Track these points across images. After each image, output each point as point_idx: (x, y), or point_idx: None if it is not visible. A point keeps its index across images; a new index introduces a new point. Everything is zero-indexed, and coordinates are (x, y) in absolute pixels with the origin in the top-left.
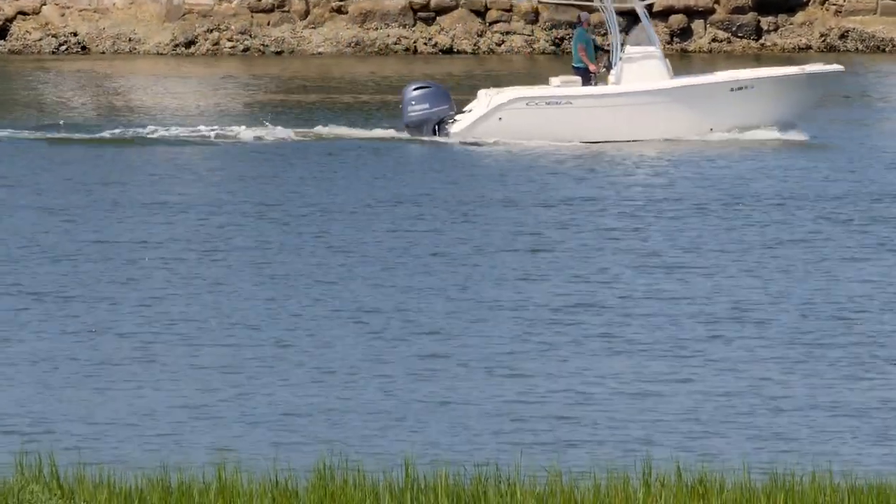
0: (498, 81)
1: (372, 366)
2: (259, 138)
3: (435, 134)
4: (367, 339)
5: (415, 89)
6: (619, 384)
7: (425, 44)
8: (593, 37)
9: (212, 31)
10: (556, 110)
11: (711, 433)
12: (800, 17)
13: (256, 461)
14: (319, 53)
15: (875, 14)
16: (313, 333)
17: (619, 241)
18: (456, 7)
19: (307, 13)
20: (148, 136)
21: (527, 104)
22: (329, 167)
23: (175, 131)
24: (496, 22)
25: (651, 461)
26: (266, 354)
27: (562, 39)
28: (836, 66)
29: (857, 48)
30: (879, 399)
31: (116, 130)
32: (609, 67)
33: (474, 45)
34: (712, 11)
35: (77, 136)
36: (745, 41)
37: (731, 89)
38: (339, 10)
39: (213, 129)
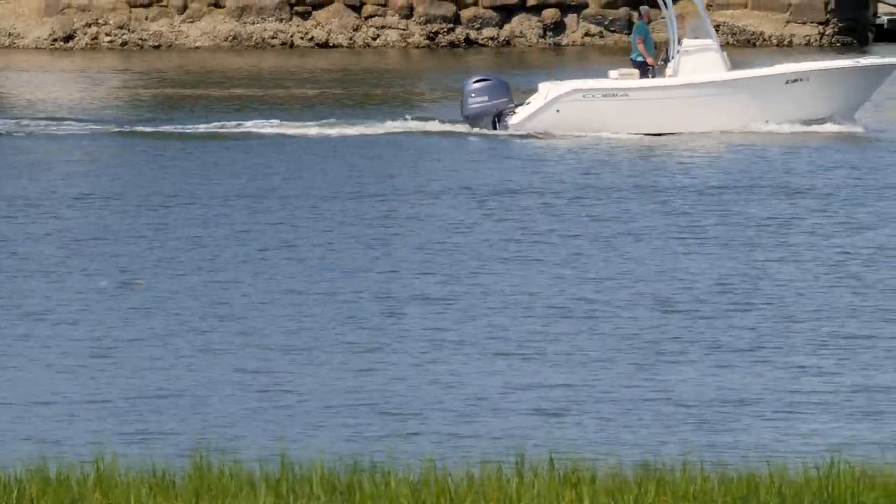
0: (379, 75)
1: (247, 357)
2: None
3: (494, 126)
4: (243, 329)
5: (475, 82)
6: (492, 375)
7: (302, 38)
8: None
9: (90, 25)
10: (612, 102)
11: (583, 423)
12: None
13: (134, 452)
14: (197, 47)
15: (746, 8)
16: (188, 322)
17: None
18: (332, 2)
19: (185, 8)
20: (16, 131)
21: (584, 96)
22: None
23: (44, 125)
24: (372, 17)
25: (524, 451)
26: (145, 343)
27: (436, 34)
28: (891, 60)
29: (728, 42)
30: (747, 390)
31: None
32: (667, 60)
33: (350, 39)
34: (585, 6)
35: None
36: (617, 35)
37: (787, 81)
38: (217, 5)
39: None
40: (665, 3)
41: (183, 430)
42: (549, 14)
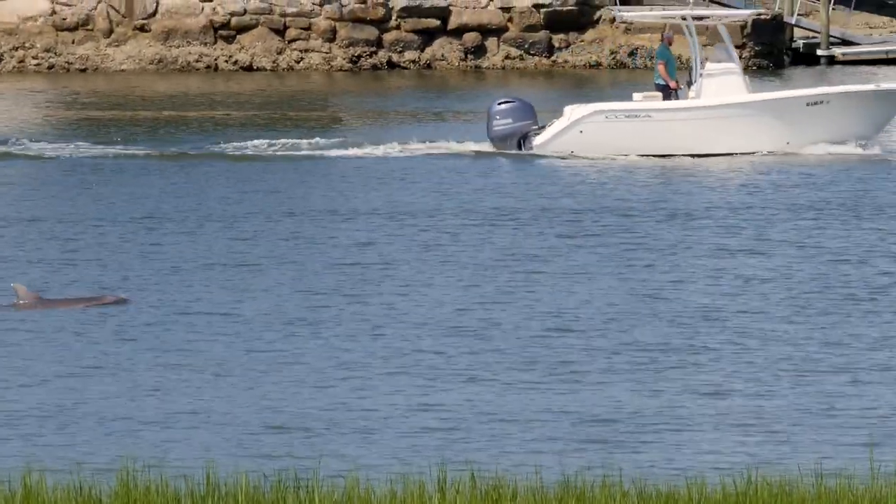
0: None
1: (174, 372)
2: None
3: (520, 147)
4: (168, 347)
5: (500, 104)
6: (416, 394)
7: (226, 61)
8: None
9: (17, 48)
10: (635, 124)
11: (505, 440)
12: (590, 34)
13: (61, 467)
14: (123, 70)
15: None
16: (113, 341)
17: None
18: (256, 26)
19: (111, 32)
20: None
21: (606, 117)
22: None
23: None
24: (295, 40)
25: (446, 467)
26: (71, 362)
27: (359, 57)
28: None
29: (645, 65)
30: (667, 407)
31: None
32: (690, 83)
33: (273, 62)
34: (505, 29)
35: None
36: (537, 58)
37: (808, 104)
38: (143, 29)
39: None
40: (689, 30)
41: (109, 447)
42: (470, 38)
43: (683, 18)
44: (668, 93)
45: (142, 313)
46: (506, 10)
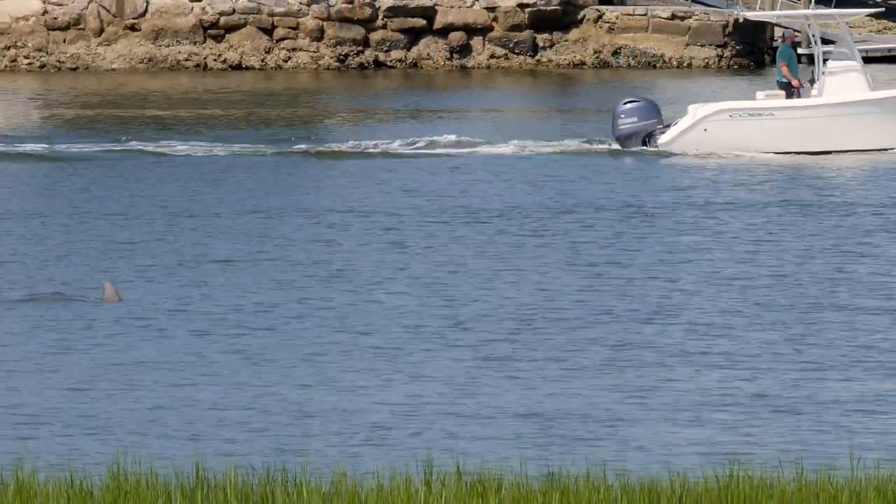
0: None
1: (161, 369)
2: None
3: (645, 145)
4: (158, 342)
5: (625, 104)
6: (404, 387)
7: (215, 60)
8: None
9: (9, 48)
10: (758, 122)
11: (490, 435)
12: (574, 34)
13: (52, 462)
14: (113, 69)
15: (646, 31)
16: (105, 336)
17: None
18: (244, 25)
19: (101, 31)
20: None
21: (730, 115)
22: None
23: None
24: (283, 39)
25: (432, 462)
26: (63, 356)
27: (346, 56)
28: None
29: (629, 64)
30: (646, 404)
31: None
32: (812, 82)
33: (262, 61)
34: (490, 29)
35: None
36: (522, 57)
37: None
38: (133, 28)
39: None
40: (812, 29)
41: (100, 441)
42: (456, 37)
43: (806, 18)
44: (790, 91)
45: (135, 309)
46: (491, 9)
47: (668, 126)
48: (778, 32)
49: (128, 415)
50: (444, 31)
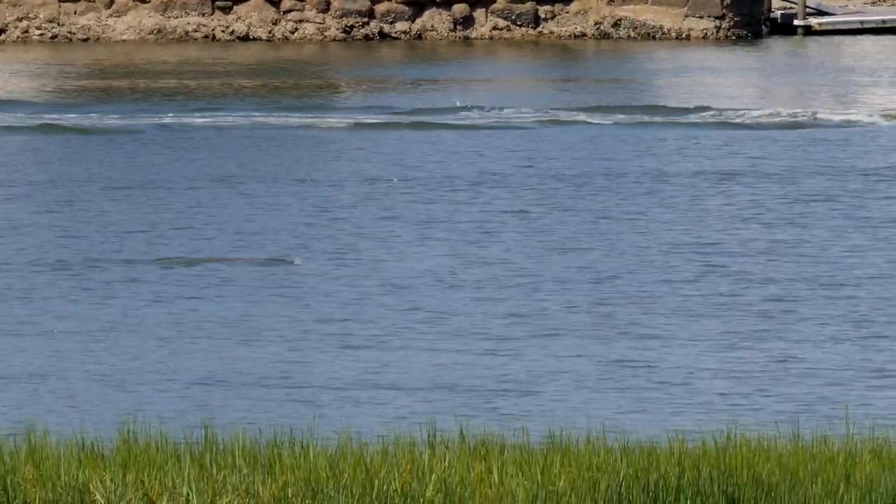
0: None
1: (176, 333)
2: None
3: None
4: (173, 306)
5: None
6: (407, 353)
7: (223, 31)
8: None
9: (21, 19)
10: None
11: (492, 400)
12: (575, 6)
13: (64, 425)
14: (124, 41)
15: (646, 3)
16: (116, 302)
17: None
18: None
19: (112, 3)
20: None
21: None
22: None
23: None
24: (290, 11)
25: (435, 425)
26: (76, 320)
27: (351, 27)
28: None
29: (629, 35)
30: (645, 366)
31: None
32: None
33: (269, 32)
34: (493, 1)
35: None
36: (524, 29)
37: None
38: (142, 0)
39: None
40: None
41: (111, 404)
42: (459, 9)
43: None
44: None
45: (151, 272)
46: None
47: None
48: (776, 4)
49: (139, 379)
50: (448, 3)
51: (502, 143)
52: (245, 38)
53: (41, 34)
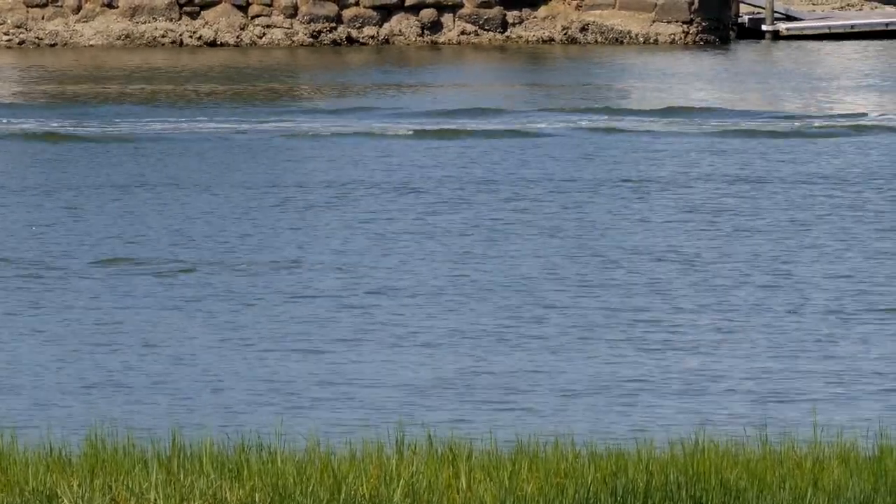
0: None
1: (138, 338)
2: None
3: None
4: (138, 312)
5: None
6: (375, 356)
7: (190, 36)
8: None
9: None
10: None
11: (461, 403)
12: (542, 11)
13: (31, 431)
14: (91, 46)
15: (613, 8)
16: (85, 306)
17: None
18: (219, 2)
19: (79, 8)
20: None
21: None
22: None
23: None
24: (258, 16)
25: (403, 430)
26: (43, 325)
27: (319, 32)
28: None
29: (596, 40)
30: (613, 375)
31: None
32: None
33: (237, 37)
34: (461, 6)
35: None
36: (491, 34)
37: None
38: (110, 5)
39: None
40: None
41: (78, 410)
42: (427, 14)
43: None
44: None
45: (123, 275)
46: None
47: None
48: (744, 9)
49: (106, 384)
50: (416, 8)
51: (442, 152)
52: (213, 44)
53: (9, 39)
